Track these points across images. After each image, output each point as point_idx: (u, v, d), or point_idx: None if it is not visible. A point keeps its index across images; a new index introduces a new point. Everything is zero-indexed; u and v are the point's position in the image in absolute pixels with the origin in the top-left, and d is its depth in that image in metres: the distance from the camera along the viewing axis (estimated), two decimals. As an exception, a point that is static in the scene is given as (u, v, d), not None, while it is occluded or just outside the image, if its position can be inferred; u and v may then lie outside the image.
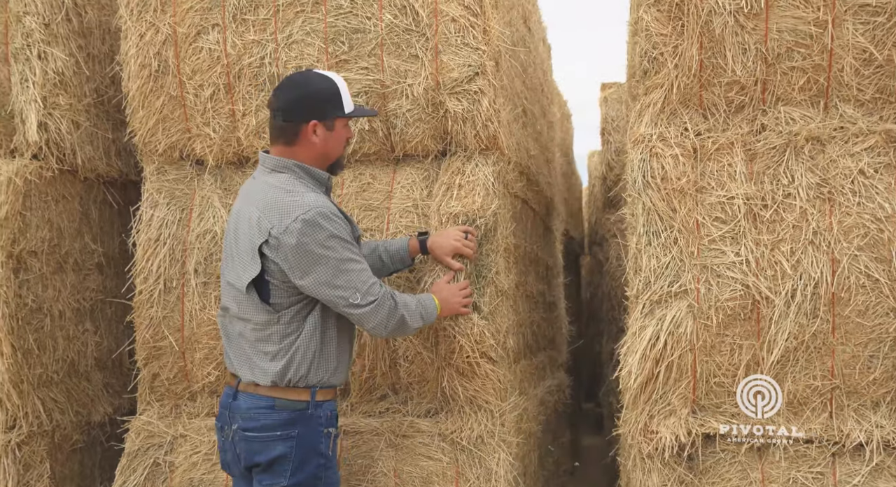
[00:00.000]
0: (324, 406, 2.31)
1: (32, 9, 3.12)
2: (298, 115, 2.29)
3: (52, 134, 3.12)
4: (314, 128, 2.29)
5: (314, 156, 2.34)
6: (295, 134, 2.30)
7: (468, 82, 2.88)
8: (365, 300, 2.25)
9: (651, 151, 2.79)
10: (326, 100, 2.30)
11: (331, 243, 2.20)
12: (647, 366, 2.70)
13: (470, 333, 2.79)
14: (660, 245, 2.74)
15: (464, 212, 2.85)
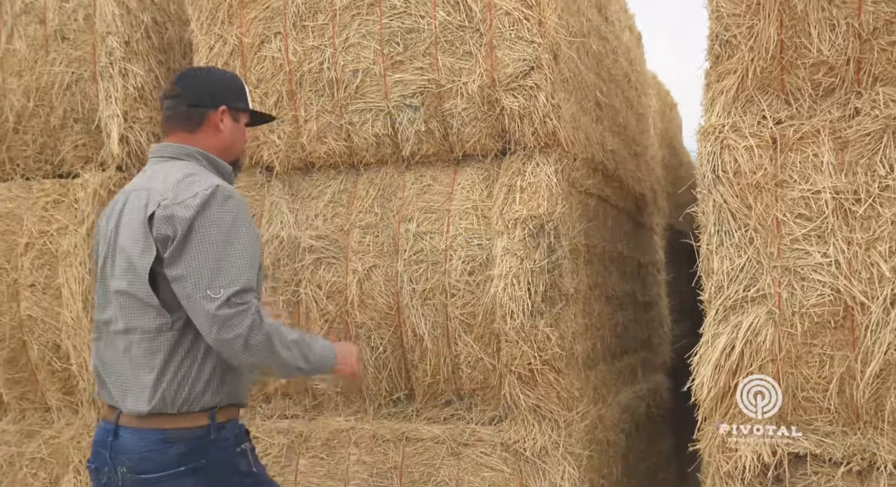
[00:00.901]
0: (227, 426, 1.84)
1: (114, 29, 3.12)
2: (207, 100, 1.98)
3: (133, 146, 3.12)
4: (222, 114, 1.99)
5: (218, 147, 2.00)
6: (200, 121, 1.97)
7: (523, 77, 2.62)
8: (224, 304, 1.71)
9: (722, 143, 2.42)
10: (234, 90, 2.05)
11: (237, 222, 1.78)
12: (721, 378, 2.35)
13: (533, 339, 2.55)
14: (733, 245, 2.38)
15: (529, 215, 2.60)
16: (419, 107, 2.78)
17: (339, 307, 2.88)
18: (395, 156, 2.93)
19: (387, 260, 2.85)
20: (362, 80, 2.86)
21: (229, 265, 1.73)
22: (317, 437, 2.87)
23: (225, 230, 1.75)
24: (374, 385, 2.89)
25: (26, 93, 3.28)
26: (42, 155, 3.31)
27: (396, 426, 2.80)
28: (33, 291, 3.16)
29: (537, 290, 2.55)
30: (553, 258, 2.59)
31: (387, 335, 2.84)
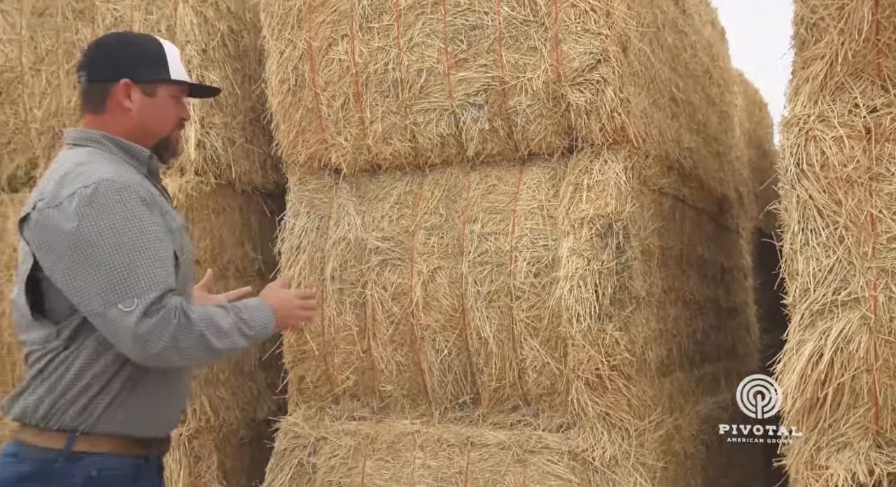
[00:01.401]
0: (84, 461, 1.47)
1: (192, 37, 3.13)
2: (106, 73, 1.62)
3: (209, 151, 3.11)
4: (126, 89, 1.61)
5: (129, 129, 1.63)
6: (102, 97, 1.63)
7: (590, 71, 2.44)
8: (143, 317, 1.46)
9: (807, 134, 2.17)
10: (145, 58, 1.64)
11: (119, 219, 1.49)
12: (808, 389, 2.09)
13: (601, 343, 2.36)
14: (820, 244, 2.12)
15: (597, 215, 2.41)
16: (483, 106, 2.64)
17: (404, 309, 2.76)
18: (460, 157, 2.80)
19: (451, 261, 2.72)
20: (426, 80, 2.74)
21: (136, 270, 1.45)
22: (382, 440, 2.76)
23: (119, 232, 1.46)
24: (440, 388, 2.76)
25: (114, 102, 3.33)
26: (128, 161, 3.36)
27: (462, 430, 2.66)
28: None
29: (605, 293, 2.36)
30: (622, 259, 2.40)
31: (451, 338, 2.71)
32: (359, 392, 2.94)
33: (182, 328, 1.46)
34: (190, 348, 1.47)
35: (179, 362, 1.50)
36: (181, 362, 1.51)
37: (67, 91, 3.46)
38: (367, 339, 2.86)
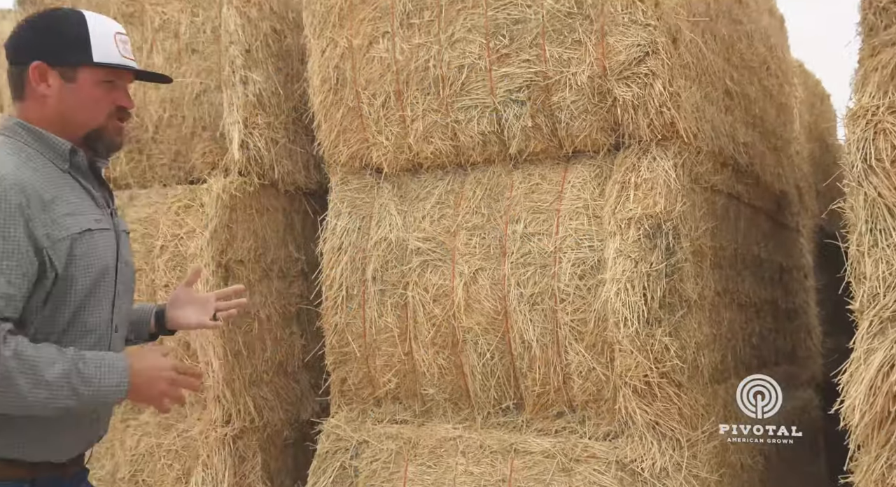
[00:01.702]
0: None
1: (236, 38, 3.09)
2: (22, 56, 1.45)
3: (252, 151, 3.07)
4: (39, 73, 1.43)
5: (47, 117, 1.45)
6: (21, 83, 1.46)
7: (637, 64, 2.30)
8: None
9: (876, 127, 1.98)
10: (63, 39, 1.45)
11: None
12: (878, 402, 1.91)
13: (649, 349, 2.21)
14: (891, 246, 1.93)
15: (645, 214, 2.27)
16: (525, 102, 2.51)
17: (446, 311, 2.67)
18: (503, 155, 2.69)
19: (493, 262, 2.61)
20: (468, 76, 2.64)
21: None
22: (424, 445, 2.67)
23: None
24: (483, 392, 2.66)
25: (162, 104, 3.32)
26: (176, 162, 3.35)
27: (505, 437, 2.55)
28: (167, 291, 3.18)
29: (654, 296, 2.21)
30: (672, 261, 2.25)
31: (494, 341, 2.60)
32: (401, 395, 2.85)
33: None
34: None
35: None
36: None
37: (118, 94, 3.46)
38: (408, 341, 2.77)
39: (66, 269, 1.39)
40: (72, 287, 1.40)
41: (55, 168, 1.45)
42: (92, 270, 1.43)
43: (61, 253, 1.38)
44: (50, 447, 1.42)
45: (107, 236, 1.49)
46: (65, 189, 1.43)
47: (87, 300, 1.42)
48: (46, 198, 1.38)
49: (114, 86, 1.49)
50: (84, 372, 1.33)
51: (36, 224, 1.35)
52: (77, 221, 1.42)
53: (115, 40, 1.48)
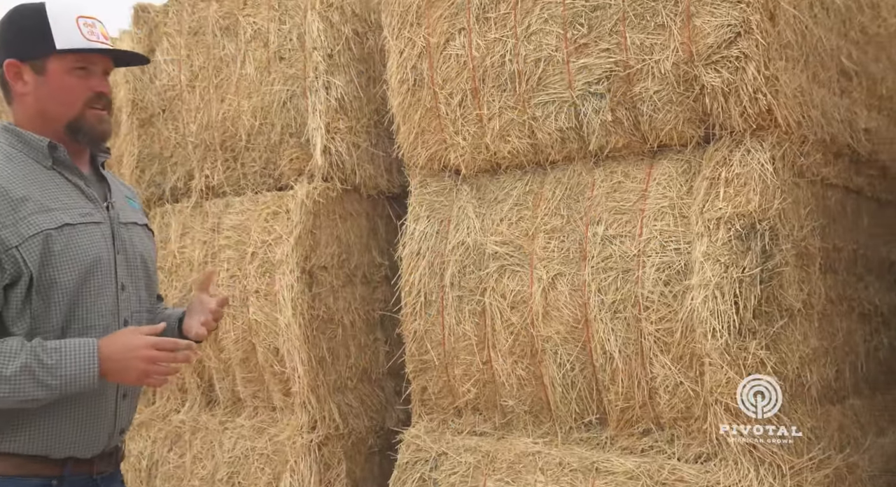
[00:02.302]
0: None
1: (319, 43, 3.13)
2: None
3: (334, 156, 3.08)
4: (14, 71, 1.44)
5: (29, 115, 1.47)
6: (5, 85, 1.49)
7: (727, 46, 2.09)
8: None
9: None
10: (27, 29, 1.44)
11: None
12: None
13: (742, 363, 2.00)
14: None
15: (736, 214, 2.06)
16: (605, 95, 2.36)
17: (524, 318, 2.55)
18: (583, 152, 2.54)
19: (573, 267, 2.47)
20: (544, 70, 2.51)
21: None
22: (503, 459, 2.57)
23: None
24: (563, 405, 2.52)
25: (254, 112, 3.41)
26: (266, 169, 3.43)
27: (587, 454, 2.40)
28: (257, 297, 3.26)
29: (747, 304, 2.00)
30: (769, 265, 2.02)
31: (574, 351, 2.45)
32: (480, 405, 2.76)
33: None
34: None
35: None
36: None
37: (216, 104, 3.59)
38: (486, 350, 2.67)
39: (43, 266, 1.39)
40: (55, 282, 1.40)
41: (38, 165, 1.46)
42: (77, 264, 1.42)
43: (34, 251, 1.38)
44: (71, 441, 1.44)
45: (94, 229, 1.47)
46: (47, 185, 1.44)
47: (79, 295, 1.42)
48: (16, 197, 1.39)
49: (88, 73, 1.47)
50: (46, 363, 1.34)
51: (3, 224, 1.37)
52: (53, 217, 1.42)
53: (77, 24, 1.45)
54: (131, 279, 1.55)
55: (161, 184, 3.86)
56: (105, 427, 1.51)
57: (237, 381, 3.44)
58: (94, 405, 1.47)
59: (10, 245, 1.37)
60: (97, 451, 1.50)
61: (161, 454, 3.62)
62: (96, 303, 1.46)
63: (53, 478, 1.44)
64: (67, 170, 1.50)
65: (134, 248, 1.58)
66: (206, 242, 3.52)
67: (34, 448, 1.42)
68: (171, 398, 3.76)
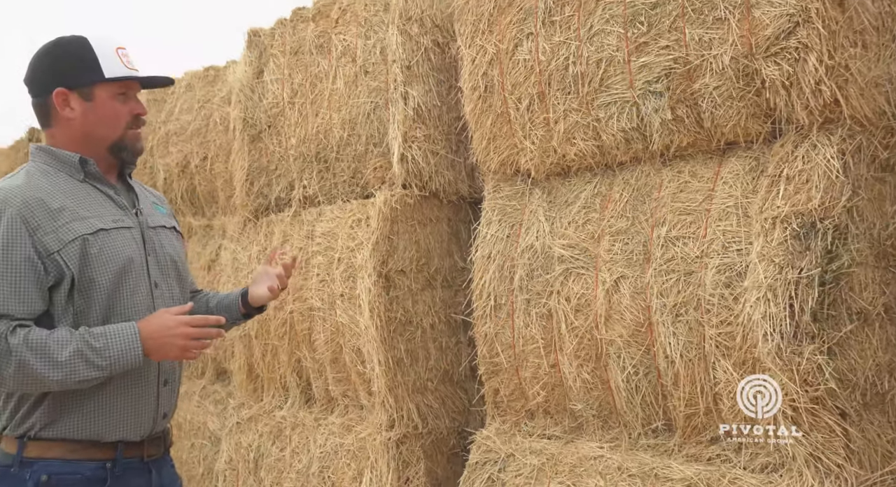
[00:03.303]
0: (36, 466, 1.56)
1: (398, 56, 3.27)
2: (43, 87, 1.65)
3: (410, 164, 3.21)
4: (62, 98, 1.64)
5: (74, 138, 1.67)
6: (46, 112, 1.67)
7: (786, 37, 2.03)
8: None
9: None
10: (76, 61, 1.63)
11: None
12: None
13: (795, 368, 1.92)
14: None
15: (793, 212, 1.99)
16: (664, 93, 2.34)
17: (588, 321, 2.55)
18: (649, 152, 2.51)
19: (636, 269, 2.45)
20: (605, 71, 2.52)
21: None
22: (566, 462, 2.57)
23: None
24: (629, 410, 2.49)
25: (343, 125, 3.61)
26: (354, 178, 3.62)
27: (647, 460, 2.36)
28: (342, 300, 3.45)
29: (804, 307, 1.91)
30: (834, 266, 1.92)
31: (637, 354, 2.43)
32: (550, 408, 2.78)
33: (2, 356, 1.49)
34: (12, 376, 1.49)
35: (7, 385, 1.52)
36: (10, 386, 1.52)
37: (312, 118, 3.83)
38: (554, 353, 2.69)
39: (82, 268, 1.59)
40: (94, 282, 1.60)
41: (72, 179, 1.67)
42: (112, 265, 1.62)
43: (73, 254, 1.58)
44: (119, 425, 1.63)
45: (126, 233, 1.67)
46: (80, 196, 1.66)
47: (116, 293, 1.62)
48: (54, 207, 1.60)
49: (127, 97, 1.69)
50: (95, 346, 1.54)
51: (42, 231, 1.57)
52: (88, 224, 1.62)
53: (118, 55, 1.66)
54: (163, 277, 1.76)
55: (267, 195, 4.16)
56: (149, 412, 1.70)
57: (329, 380, 3.64)
58: (138, 391, 1.66)
59: (52, 250, 1.57)
60: (144, 434, 1.69)
61: (266, 447, 3.88)
62: (132, 300, 1.67)
63: (107, 461, 1.61)
64: (98, 182, 1.71)
65: (163, 249, 1.79)
66: (302, 248, 3.76)
67: (86, 433, 1.60)
68: (276, 395, 4.01)
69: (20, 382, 1.53)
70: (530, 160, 2.83)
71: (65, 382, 1.54)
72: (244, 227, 4.28)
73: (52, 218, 1.59)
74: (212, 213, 5.05)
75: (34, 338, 1.52)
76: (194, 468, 4.45)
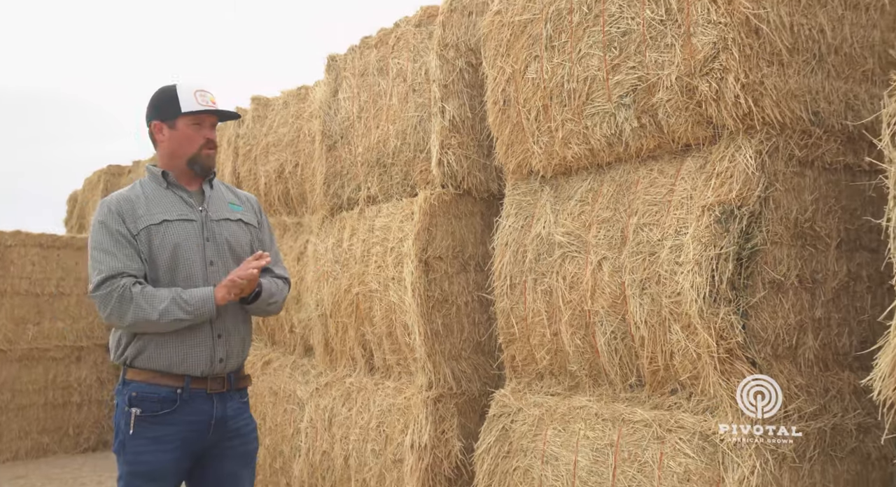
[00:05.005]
0: (130, 385, 2.26)
1: (436, 77, 3.90)
2: (147, 120, 2.42)
3: (446, 167, 3.82)
4: (158, 128, 2.39)
5: (165, 156, 2.42)
6: (152, 137, 2.43)
7: (712, 60, 2.51)
8: (94, 288, 2.23)
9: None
10: (164, 101, 2.35)
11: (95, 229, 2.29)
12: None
13: (713, 326, 2.41)
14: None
15: (718, 201, 2.48)
16: (631, 105, 2.84)
17: (579, 296, 3.08)
18: (627, 154, 3.02)
19: (615, 251, 2.96)
20: (590, 87, 3.04)
21: (95, 260, 2.23)
22: (559, 412, 3.11)
23: (96, 236, 2.27)
24: (611, 369, 3.00)
25: (397, 135, 4.28)
26: (405, 180, 4.27)
27: (620, 409, 2.88)
28: (393, 283, 4.10)
29: (722, 277, 2.40)
30: (749, 244, 2.40)
31: (615, 322, 2.94)
32: (554, 370, 3.32)
33: (123, 301, 2.18)
34: (130, 317, 2.19)
35: (126, 325, 2.22)
36: (127, 326, 2.22)
37: (374, 130, 4.52)
38: (555, 324, 3.23)
39: (150, 248, 2.31)
40: (157, 257, 2.32)
41: (159, 187, 2.43)
42: (167, 245, 2.32)
43: (143, 238, 2.31)
44: (183, 362, 2.30)
45: (187, 224, 2.37)
46: (161, 198, 2.41)
47: (174, 264, 2.31)
48: (137, 206, 2.36)
49: (200, 126, 2.38)
50: (184, 297, 2.28)
51: (128, 221, 2.32)
52: (155, 216, 2.34)
53: (194, 95, 2.36)
54: (219, 257, 2.45)
55: (340, 195, 4.89)
56: (205, 355, 2.34)
57: (385, 351, 4.31)
58: (196, 340, 2.34)
59: (134, 234, 2.31)
60: (204, 372, 2.36)
61: (337, 408, 4.59)
62: (189, 273, 2.37)
63: (178, 388, 2.27)
64: (176, 188, 2.44)
65: (222, 236, 2.48)
66: (365, 240, 4.45)
67: (160, 365, 2.28)
68: (346, 365, 4.72)
69: (133, 320, 2.21)
70: (539, 162, 3.38)
71: (160, 321, 2.23)
72: (322, 223, 5.03)
73: (134, 212, 2.34)
74: (302, 212, 5.80)
75: (147, 290, 2.23)
76: (286, 429, 5.22)
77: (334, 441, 4.50)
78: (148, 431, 2.21)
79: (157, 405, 2.22)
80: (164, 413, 2.22)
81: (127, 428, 2.20)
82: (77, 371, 7.00)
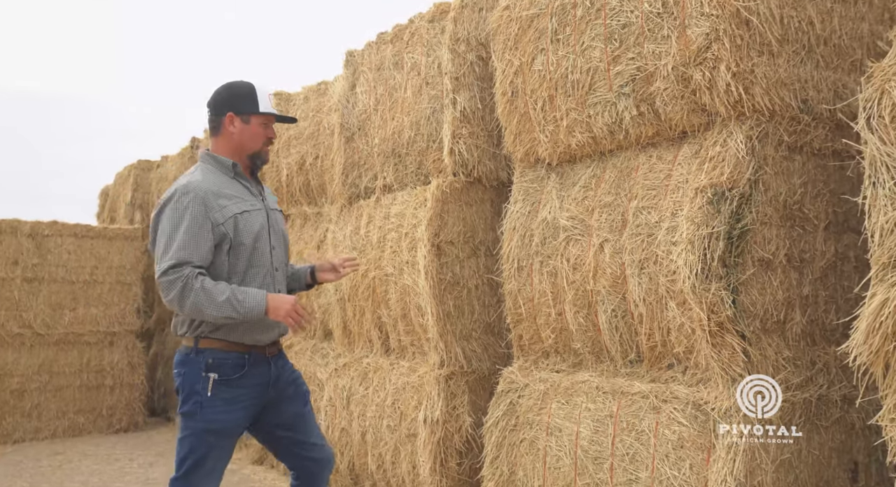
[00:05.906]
0: (205, 353, 2.40)
1: (448, 70, 4.01)
2: (220, 109, 2.49)
3: (458, 156, 3.94)
4: (231, 119, 2.47)
5: (231, 146, 2.50)
6: (217, 126, 2.51)
7: (705, 51, 2.60)
8: (161, 274, 2.30)
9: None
10: (243, 97, 2.47)
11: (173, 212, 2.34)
12: (874, 342, 2.02)
13: (704, 301, 2.52)
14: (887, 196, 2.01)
15: (710, 184, 2.58)
16: (630, 94, 2.95)
17: (582, 277, 3.19)
18: (628, 141, 3.12)
19: (616, 234, 3.07)
20: (593, 77, 3.15)
21: (168, 247, 2.30)
22: (563, 387, 3.23)
23: (170, 221, 2.32)
24: (612, 346, 3.12)
25: (411, 126, 4.40)
26: (419, 169, 4.40)
27: (620, 382, 2.99)
28: (408, 267, 4.24)
29: (714, 255, 2.50)
30: (740, 225, 2.50)
31: (615, 301, 3.05)
32: (559, 348, 3.44)
33: (185, 290, 2.28)
34: (188, 306, 2.29)
35: (183, 312, 2.33)
36: (185, 312, 2.33)
37: (390, 122, 4.65)
38: (559, 304, 3.35)
39: (236, 235, 2.42)
40: (242, 244, 2.44)
41: (226, 176, 2.52)
42: (250, 233, 2.45)
43: (230, 226, 2.41)
44: (254, 335, 2.49)
45: (258, 213, 2.50)
46: (231, 188, 2.50)
47: (253, 251, 2.49)
48: (219, 195, 2.44)
49: (266, 126, 2.54)
50: (238, 298, 2.35)
51: (212, 210, 2.39)
52: (238, 205, 2.46)
53: (268, 98, 2.54)
54: (278, 243, 2.64)
55: (358, 185, 5.02)
56: (270, 332, 2.53)
57: (400, 332, 4.44)
58: (264, 325, 2.50)
59: (219, 222, 2.40)
60: (267, 342, 2.54)
61: (355, 387, 4.74)
62: (262, 258, 2.54)
63: (245, 354, 2.47)
64: (241, 178, 2.56)
65: (278, 224, 2.68)
66: (381, 227, 4.58)
67: (235, 338, 2.46)
68: (364, 346, 4.87)
69: (190, 309, 2.31)
70: (545, 150, 3.49)
71: (214, 316, 2.34)
72: (341, 212, 5.17)
73: (217, 201, 2.41)
74: (322, 202, 5.95)
75: (207, 284, 2.31)
76: (304, 409, 5.37)
77: (352, 419, 4.65)
78: (224, 392, 2.41)
79: (231, 369, 2.42)
80: (236, 377, 2.42)
81: (205, 391, 2.39)
82: (109, 355, 7.23)
